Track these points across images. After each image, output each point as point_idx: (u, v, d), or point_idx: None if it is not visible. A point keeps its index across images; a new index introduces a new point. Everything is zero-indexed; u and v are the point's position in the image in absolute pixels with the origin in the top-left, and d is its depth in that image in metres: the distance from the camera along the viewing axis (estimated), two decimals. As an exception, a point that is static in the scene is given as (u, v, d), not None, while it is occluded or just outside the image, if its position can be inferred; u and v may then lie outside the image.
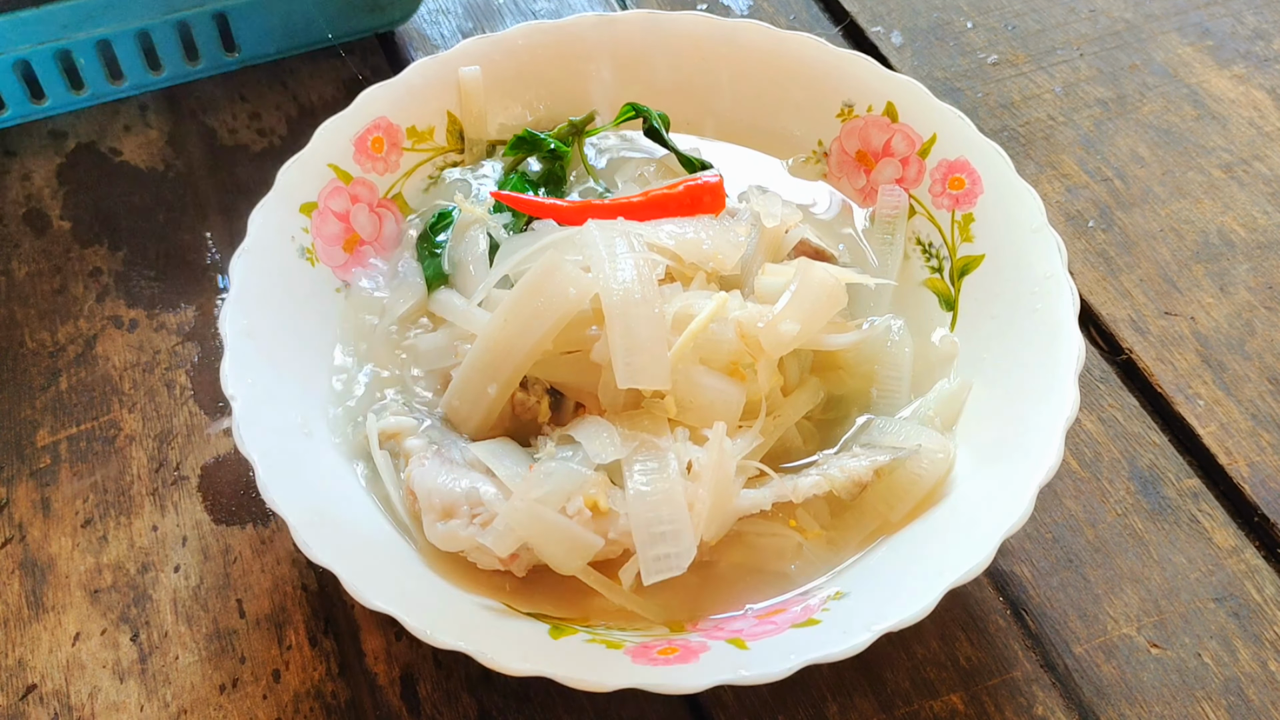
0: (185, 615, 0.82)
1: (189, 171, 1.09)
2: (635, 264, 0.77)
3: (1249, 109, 1.12)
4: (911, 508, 0.77)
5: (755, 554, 0.77)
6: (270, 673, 0.79)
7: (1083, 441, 0.90)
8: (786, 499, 0.76)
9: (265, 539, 0.86)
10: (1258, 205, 1.04)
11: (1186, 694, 0.78)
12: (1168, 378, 0.93)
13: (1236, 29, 1.18)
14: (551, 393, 0.81)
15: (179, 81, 1.14)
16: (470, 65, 0.95)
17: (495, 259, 0.87)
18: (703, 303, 0.78)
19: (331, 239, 0.89)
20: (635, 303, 0.75)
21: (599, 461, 0.74)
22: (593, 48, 0.98)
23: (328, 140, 0.90)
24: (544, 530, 0.72)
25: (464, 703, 0.78)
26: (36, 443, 0.91)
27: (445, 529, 0.74)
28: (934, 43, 1.19)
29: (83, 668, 0.80)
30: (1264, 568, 0.83)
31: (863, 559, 0.76)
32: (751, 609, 0.75)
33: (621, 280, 0.76)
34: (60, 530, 0.86)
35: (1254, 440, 0.89)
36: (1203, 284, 0.99)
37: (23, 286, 1.01)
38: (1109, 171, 1.07)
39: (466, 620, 0.72)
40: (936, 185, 0.90)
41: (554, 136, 0.96)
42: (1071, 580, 0.83)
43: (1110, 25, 1.20)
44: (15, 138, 1.11)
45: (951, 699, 0.77)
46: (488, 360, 0.78)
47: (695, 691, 0.66)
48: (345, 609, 0.82)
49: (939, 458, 0.77)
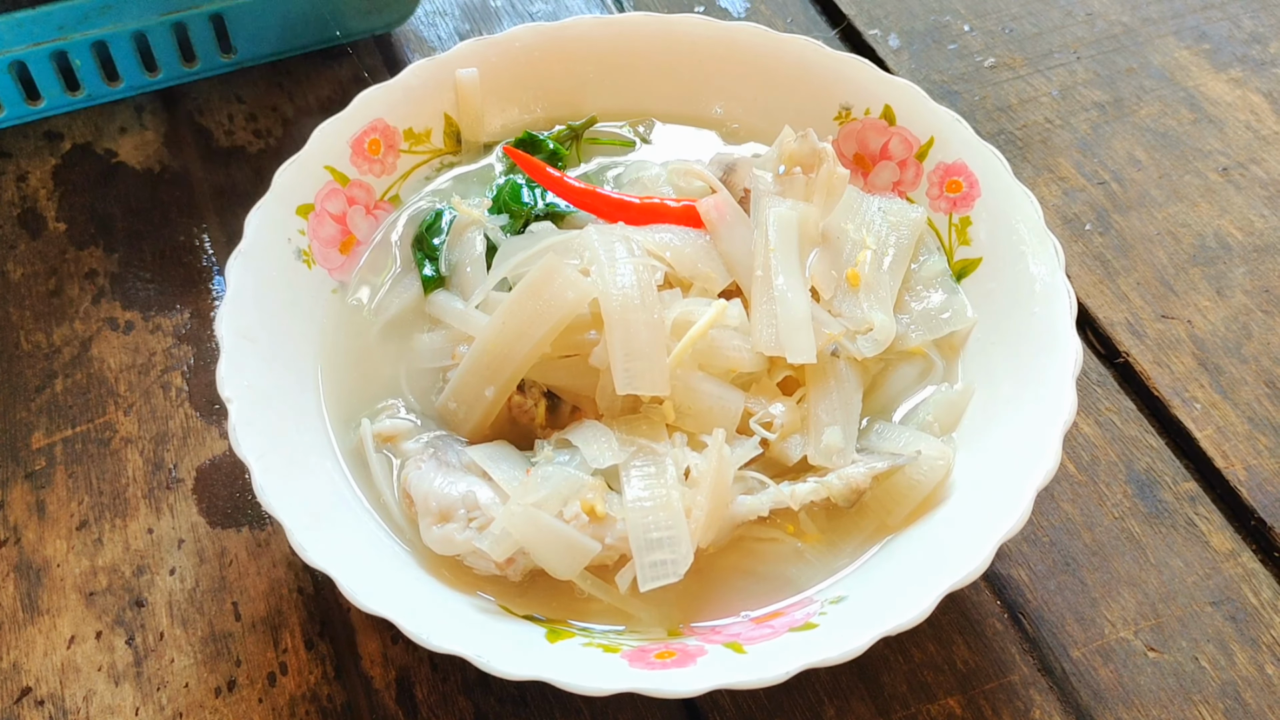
0: (181, 618, 0.82)
1: (185, 173, 1.09)
2: (635, 269, 0.77)
3: (1246, 112, 1.12)
4: (909, 512, 0.77)
5: (753, 558, 0.77)
6: (266, 676, 0.79)
7: (1080, 445, 0.90)
8: (784, 505, 0.76)
9: (261, 542, 0.85)
10: (1254, 209, 1.04)
11: (1183, 697, 0.78)
12: (1165, 381, 0.93)
13: (1233, 33, 1.18)
14: (548, 396, 0.81)
15: (175, 83, 1.13)
16: (467, 67, 0.95)
17: (493, 261, 0.87)
18: (702, 309, 0.78)
19: (328, 241, 0.89)
20: (635, 308, 0.75)
21: (597, 466, 0.74)
22: (590, 50, 0.98)
23: (324, 142, 0.90)
24: (541, 535, 0.72)
25: (460, 706, 0.78)
26: (32, 445, 0.91)
27: (441, 532, 0.74)
28: (931, 45, 1.19)
29: (78, 671, 0.80)
30: (1261, 571, 0.83)
31: (860, 563, 0.76)
32: (748, 614, 0.74)
33: (621, 285, 0.76)
34: (55, 533, 0.86)
35: (1251, 443, 0.90)
36: (1199, 287, 0.99)
37: (18, 288, 1.00)
38: (1106, 175, 1.07)
39: (463, 624, 0.71)
40: (934, 188, 0.90)
41: (553, 139, 0.96)
42: (1069, 584, 0.83)
43: (1107, 29, 1.20)
44: (11, 139, 1.11)
45: (949, 702, 0.77)
46: (485, 362, 0.78)
47: (692, 695, 0.66)
48: (341, 612, 0.82)
49: (938, 464, 0.77)
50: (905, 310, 0.85)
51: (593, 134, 0.99)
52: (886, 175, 0.93)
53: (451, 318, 0.84)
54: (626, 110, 0.99)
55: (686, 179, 0.91)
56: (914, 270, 0.87)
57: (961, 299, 0.86)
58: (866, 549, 0.77)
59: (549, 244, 0.83)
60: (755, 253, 0.82)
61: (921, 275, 0.87)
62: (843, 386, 0.79)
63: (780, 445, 0.78)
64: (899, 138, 0.92)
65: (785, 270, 0.80)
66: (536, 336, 0.76)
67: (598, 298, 0.76)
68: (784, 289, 0.79)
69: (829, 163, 0.86)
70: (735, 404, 0.77)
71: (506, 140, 0.97)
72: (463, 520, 0.74)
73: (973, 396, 0.82)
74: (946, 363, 0.84)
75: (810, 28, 1.21)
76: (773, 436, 0.77)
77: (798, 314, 0.78)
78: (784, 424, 0.77)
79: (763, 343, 0.78)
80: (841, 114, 0.95)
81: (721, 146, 0.98)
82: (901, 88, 0.92)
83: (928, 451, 0.77)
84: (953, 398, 0.81)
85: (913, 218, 0.87)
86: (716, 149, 0.97)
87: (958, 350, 0.85)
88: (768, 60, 0.96)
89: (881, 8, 1.22)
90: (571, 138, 0.98)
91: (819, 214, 0.85)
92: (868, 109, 0.94)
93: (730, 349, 0.78)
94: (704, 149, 0.97)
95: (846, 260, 0.84)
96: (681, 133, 0.99)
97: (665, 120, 0.99)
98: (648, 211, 0.87)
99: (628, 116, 0.99)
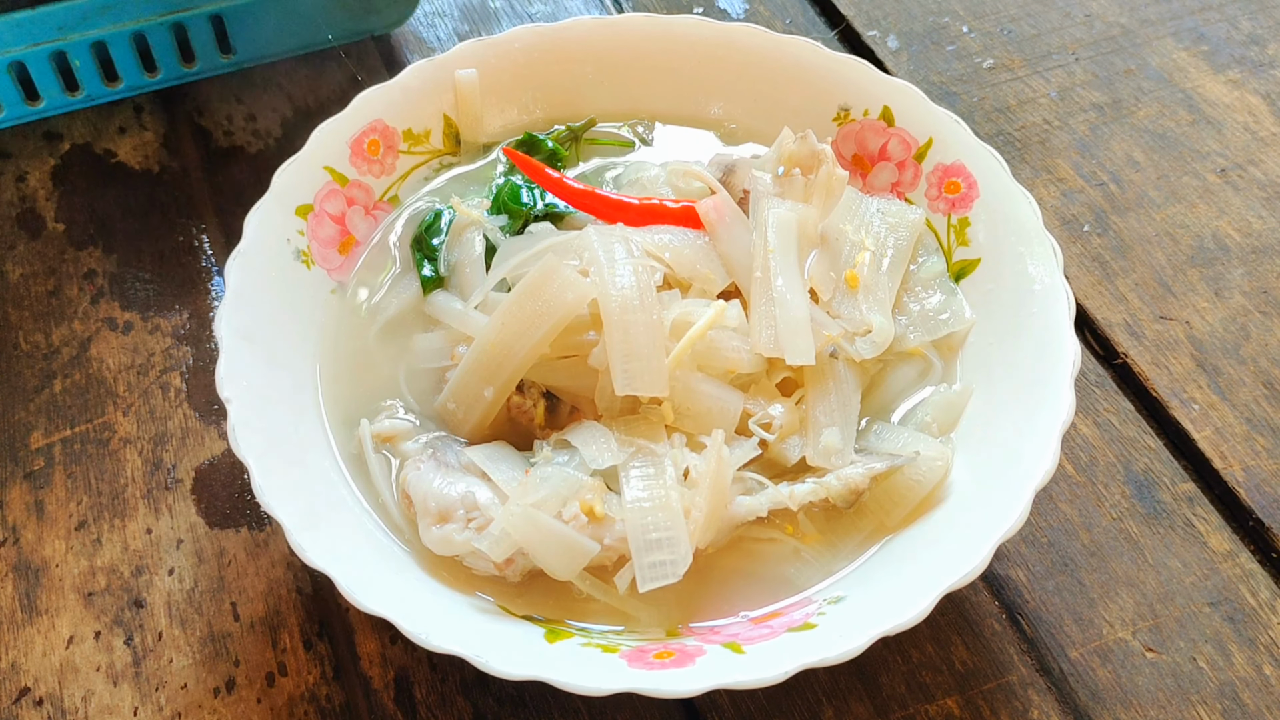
0: (179, 618, 0.82)
1: (184, 174, 1.09)
2: (634, 270, 0.77)
3: (1244, 114, 1.12)
4: (908, 513, 0.77)
5: (752, 559, 0.77)
6: (265, 676, 0.79)
7: (1078, 445, 0.90)
8: (783, 505, 0.76)
9: (260, 542, 0.85)
10: (1252, 210, 1.04)
11: (1181, 698, 0.78)
12: (1163, 382, 0.94)
13: (1231, 34, 1.19)
14: (547, 396, 0.81)
15: (175, 83, 1.13)
16: (466, 68, 0.95)
17: (493, 262, 0.87)
18: (701, 310, 0.78)
19: (327, 241, 0.89)
20: (634, 309, 0.75)
21: (595, 467, 0.74)
22: (589, 51, 0.98)
23: (324, 143, 0.90)
24: (540, 535, 0.72)
25: (459, 706, 0.78)
26: (30, 445, 0.91)
27: (440, 533, 0.74)
28: (930, 47, 1.19)
29: (76, 671, 0.80)
30: (1259, 572, 0.83)
31: (859, 563, 0.76)
32: (747, 615, 0.74)
33: (620, 286, 0.76)
34: (54, 533, 0.86)
35: (1249, 444, 0.90)
36: (1198, 288, 0.99)
37: (17, 289, 1.00)
38: (1104, 176, 1.07)
39: (462, 624, 0.72)
40: (933, 189, 0.90)
41: (552, 140, 0.97)
42: (1067, 584, 0.83)
43: (1105, 30, 1.20)
44: (10, 139, 1.11)
45: (947, 703, 0.77)
46: (485, 363, 0.78)
47: (691, 696, 0.66)
48: (340, 612, 0.82)
49: (937, 464, 0.77)
50: (904, 311, 0.85)
51: (592, 135, 0.99)
52: (885, 176, 0.93)
53: (450, 318, 0.84)
54: (625, 111, 1.00)
55: (685, 180, 0.91)
56: (912, 271, 0.87)
57: (960, 300, 0.86)
58: (865, 550, 0.77)
59: (548, 245, 0.83)
60: (754, 254, 0.82)
61: (920, 276, 0.87)
62: (841, 388, 0.79)
63: (779, 446, 0.78)
64: (897, 139, 0.92)
65: (784, 272, 0.80)
66: (536, 337, 0.76)
67: (597, 299, 0.76)
68: (783, 290, 0.79)
69: (828, 164, 0.86)
70: (734, 404, 0.77)
71: (506, 141, 0.97)
72: (461, 521, 0.74)
73: (971, 397, 0.82)
74: (945, 363, 0.85)
75: (809, 29, 1.21)
76: (771, 438, 0.77)
77: (797, 316, 0.78)
78: (783, 425, 0.77)
79: (762, 344, 0.78)
80: (840, 115, 0.95)
81: (720, 147, 0.98)
82: (900, 89, 0.93)
83: (926, 452, 0.77)
84: (951, 398, 0.82)
85: (911, 219, 0.87)
86: (715, 149, 0.97)
87: (956, 351, 0.85)
88: (767, 61, 0.96)
89: (880, 9, 1.22)
90: (571, 139, 0.98)
91: (818, 215, 0.85)
92: (866, 110, 0.94)
93: (729, 350, 0.78)
94: (703, 150, 0.97)
95: (845, 261, 0.84)
96: (680, 133, 0.99)
97: (664, 121, 0.99)
98: (647, 213, 0.87)
99: (627, 117, 0.99)
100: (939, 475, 0.77)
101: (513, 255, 0.84)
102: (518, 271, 0.83)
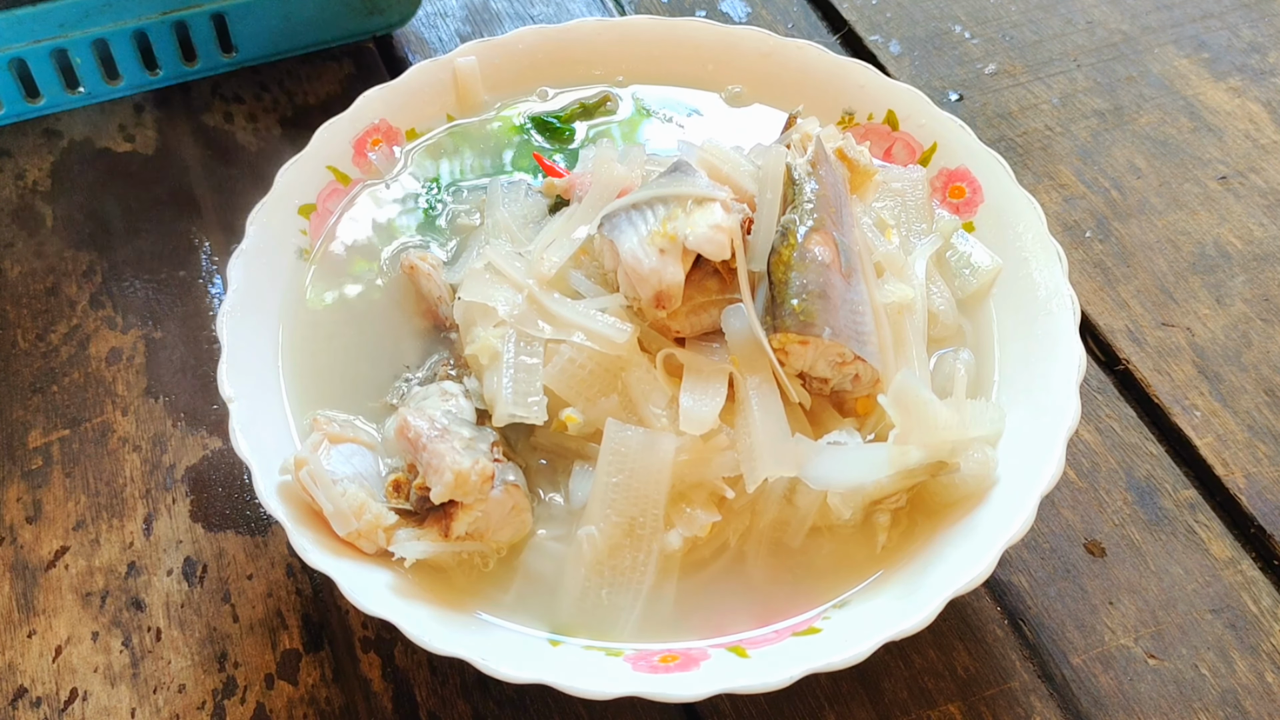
0: (178, 619, 0.81)
1: (185, 172, 1.09)
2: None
3: (1245, 121, 1.12)
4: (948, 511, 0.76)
5: (761, 567, 0.76)
6: (264, 678, 0.79)
7: (1080, 452, 0.90)
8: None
9: (259, 543, 0.85)
10: (1253, 217, 1.05)
11: (1184, 705, 0.78)
12: (1165, 388, 0.94)
13: (1232, 42, 1.19)
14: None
15: (176, 82, 1.13)
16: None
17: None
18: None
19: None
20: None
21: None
22: (590, 52, 0.98)
23: (327, 142, 0.90)
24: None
25: (459, 709, 0.77)
26: (28, 444, 0.90)
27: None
28: (932, 52, 1.19)
29: (74, 672, 0.79)
30: (1261, 579, 0.83)
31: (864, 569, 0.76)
32: (750, 619, 0.74)
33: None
34: (52, 533, 0.85)
35: (1250, 451, 0.90)
36: (1199, 295, 0.99)
37: (15, 286, 1.00)
38: (1106, 182, 1.08)
39: (464, 626, 0.71)
40: (937, 194, 0.90)
41: (564, 119, 0.96)
42: (1069, 591, 0.83)
43: (1107, 37, 1.20)
44: (10, 136, 1.11)
45: (949, 709, 0.77)
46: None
47: (694, 700, 0.65)
48: (340, 614, 0.81)
49: (984, 467, 0.75)
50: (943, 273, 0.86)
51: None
52: (889, 180, 0.93)
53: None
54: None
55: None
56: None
57: (981, 250, 0.86)
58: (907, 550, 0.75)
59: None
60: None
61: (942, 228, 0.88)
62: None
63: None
64: (902, 143, 0.92)
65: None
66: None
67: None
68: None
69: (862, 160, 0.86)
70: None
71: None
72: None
73: (1005, 418, 0.79)
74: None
75: (811, 34, 1.21)
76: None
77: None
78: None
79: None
80: (845, 119, 0.95)
81: (727, 110, 0.98)
82: (904, 93, 0.93)
83: (976, 456, 0.75)
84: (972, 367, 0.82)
85: (914, 176, 0.89)
86: (722, 110, 0.98)
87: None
88: (771, 64, 0.96)
89: (882, 14, 1.22)
90: (583, 116, 0.97)
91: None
92: (871, 114, 0.94)
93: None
94: (709, 110, 0.98)
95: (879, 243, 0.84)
96: (685, 94, 0.99)
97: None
98: None
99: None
100: (986, 476, 0.75)
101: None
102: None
